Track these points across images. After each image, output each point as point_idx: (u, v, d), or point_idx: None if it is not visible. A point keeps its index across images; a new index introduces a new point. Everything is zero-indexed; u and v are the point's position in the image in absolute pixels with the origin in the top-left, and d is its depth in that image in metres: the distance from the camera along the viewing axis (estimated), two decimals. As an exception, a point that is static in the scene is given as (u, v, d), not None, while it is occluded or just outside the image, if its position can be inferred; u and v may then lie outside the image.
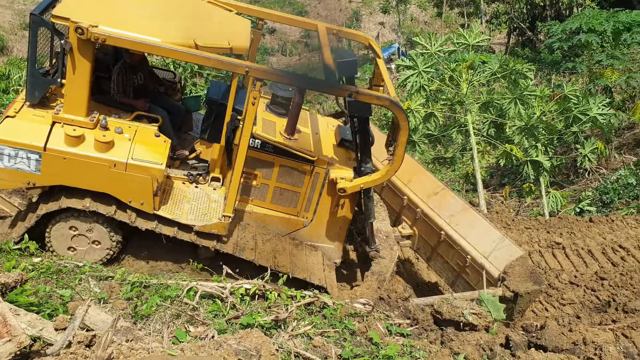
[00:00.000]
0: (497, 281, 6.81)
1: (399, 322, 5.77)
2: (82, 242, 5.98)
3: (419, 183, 7.67)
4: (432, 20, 31.44)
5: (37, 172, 5.57)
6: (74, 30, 5.26)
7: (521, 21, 23.35)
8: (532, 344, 5.55)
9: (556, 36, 15.31)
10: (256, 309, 5.08)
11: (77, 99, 5.61)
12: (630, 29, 14.55)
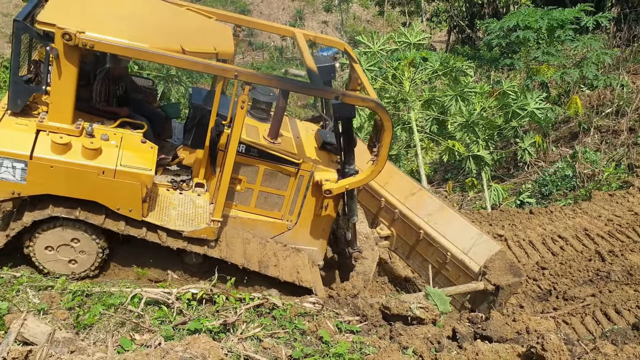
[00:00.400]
0: (477, 275, 7.03)
1: (348, 319, 5.80)
2: (68, 252, 5.81)
3: (395, 185, 7.81)
4: (374, 19, 31.81)
5: (22, 181, 5.40)
6: (60, 36, 5.15)
7: (461, 19, 23.88)
8: (477, 335, 5.67)
9: (494, 33, 15.70)
10: (204, 314, 5.00)
11: (63, 107, 5.50)
12: (564, 26, 15.10)
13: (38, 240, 5.68)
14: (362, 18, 33.39)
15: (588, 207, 10.50)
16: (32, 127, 5.52)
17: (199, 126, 6.29)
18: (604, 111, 14.22)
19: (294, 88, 6.10)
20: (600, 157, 12.38)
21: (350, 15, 33.26)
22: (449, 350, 5.23)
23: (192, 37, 5.96)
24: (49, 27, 5.24)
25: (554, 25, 14.90)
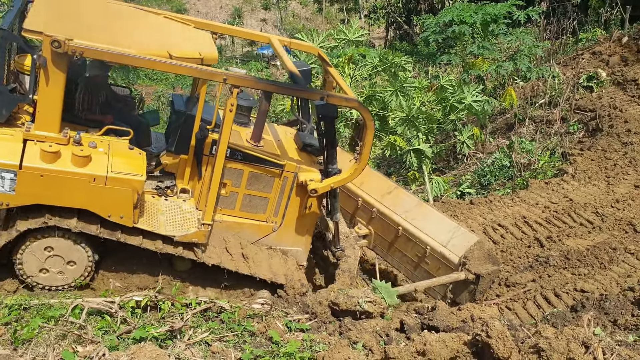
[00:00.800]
0: (457, 266, 7.28)
1: (298, 317, 5.79)
2: (57, 263, 5.73)
3: (371, 185, 7.99)
4: (313, 16, 31.88)
5: (11, 192, 5.30)
6: (49, 43, 5.11)
7: (398, 15, 24.25)
8: (424, 325, 5.76)
9: (430, 29, 16.01)
10: (149, 321, 4.89)
11: (50, 115, 5.45)
12: (497, 21, 15.55)
13: (26, 253, 5.60)
14: (301, 15, 33.41)
15: (525, 196, 10.84)
16: (19, 137, 5.44)
17: (183, 132, 6.29)
18: (538, 102, 14.73)
19: (281, 90, 6.33)
20: (536, 147, 12.81)
21: (289, 12, 33.22)
22: (398, 342, 5.30)
23: (177, 44, 6.03)
24: (37, 35, 5.21)
25: (488, 19, 15.32)
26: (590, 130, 13.01)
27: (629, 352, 4.62)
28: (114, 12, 6.44)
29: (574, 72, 14.89)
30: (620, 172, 11.24)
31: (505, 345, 4.51)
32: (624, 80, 14.11)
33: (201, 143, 6.26)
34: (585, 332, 4.52)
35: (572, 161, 11.96)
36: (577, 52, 16.77)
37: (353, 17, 28.13)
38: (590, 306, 7.25)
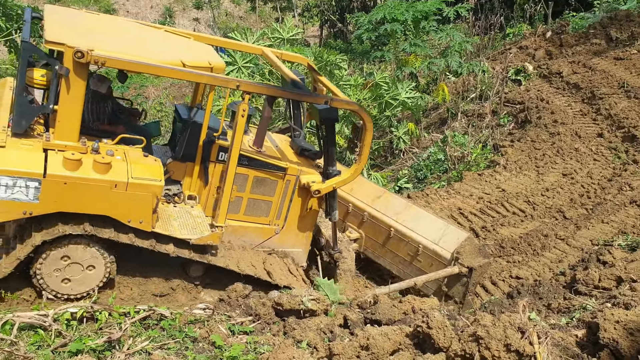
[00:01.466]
0: (449, 262, 7.63)
1: (241, 320, 5.73)
2: (76, 270, 5.75)
3: (361, 190, 8.33)
4: (246, 15, 31.65)
5: (35, 200, 5.34)
6: (72, 54, 5.25)
7: (331, 13, 24.38)
8: (367, 319, 5.82)
9: (364, 27, 16.20)
10: (86, 333, 4.72)
11: (70, 125, 5.56)
12: (427, 18, 15.90)
13: (45, 263, 5.60)
14: (234, 14, 33.09)
15: (460, 188, 11.13)
16: (39, 147, 5.52)
17: (190, 140, 6.42)
18: (469, 96, 15.15)
19: (290, 95, 6.55)
20: (468, 140, 13.17)
21: (222, 11, 32.84)
22: (342, 338, 5.32)
23: (186, 54, 6.24)
24: (59, 47, 5.33)
25: (419, 16, 15.63)
26: (520, 122, 13.48)
27: (562, 335, 4.81)
28: (121, 26, 6.74)
29: (503, 67, 15.39)
30: (548, 161, 11.71)
31: (445, 335, 4.61)
32: (549, 73, 14.70)
33: (208, 150, 6.46)
34: (521, 318, 4.67)
35: (503, 153, 12.36)
36: (505, 47, 17.35)
37: (287, 16, 28.11)
38: (526, 292, 7.52)
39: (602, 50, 14.73)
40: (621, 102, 12.63)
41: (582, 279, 7.05)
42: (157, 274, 6.33)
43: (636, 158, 11.27)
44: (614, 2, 17.64)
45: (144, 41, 6.42)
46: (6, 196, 5.22)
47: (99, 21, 6.65)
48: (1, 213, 5.30)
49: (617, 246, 7.79)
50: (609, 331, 4.51)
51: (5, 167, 5.20)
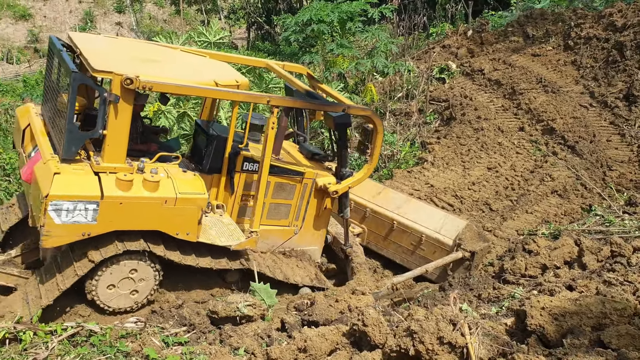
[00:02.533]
0: (452, 248, 8.24)
1: (175, 331, 5.61)
2: (129, 284, 6.08)
3: (361, 188, 8.53)
4: (171, 18, 31.02)
5: (93, 221, 5.62)
6: (121, 82, 5.55)
7: (258, 16, 24.27)
8: (305, 321, 5.83)
9: (290, 29, 16.21)
10: (9, 355, 4.48)
11: (118, 148, 5.84)
12: (353, 19, 16.08)
13: (101, 280, 5.88)
14: (158, 17, 32.36)
15: (391, 185, 11.30)
16: (89, 171, 5.79)
17: (215, 153, 6.78)
18: (396, 96, 15.42)
19: (312, 105, 7.08)
20: (397, 138, 13.42)
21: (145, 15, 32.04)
22: (280, 342, 5.31)
23: (214, 73, 6.66)
24: (107, 75, 5.63)
25: (344, 17, 15.78)
26: (445, 119, 13.85)
27: (492, 324, 4.97)
28: (147, 49, 7.06)
29: (427, 66, 15.77)
30: (474, 156, 12.09)
31: (380, 331, 4.68)
32: (471, 71, 15.18)
33: (233, 161, 6.85)
34: (452, 310, 4.79)
35: (430, 150, 12.65)
36: (429, 46, 17.77)
37: (213, 18, 27.76)
38: (457, 284, 7.72)
39: (520, 47, 15.35)
40: (539, 96, 13.21)
41: (509, 269, 7.31)
42: (197, 282, 6.69)
43: (555, 150, 11.82)
44: (530, 1, 18.42)
45: (174, 63, 6.81)
46: (67, 220, 5.47)
47: (127, 45, 7.03)
48: (62, 236, 5.55)
49: (541, 235, 8.14)
50: (535, 318, 4.70)
51: (66, 193, 5.44)
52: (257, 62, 8.69)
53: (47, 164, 5.70)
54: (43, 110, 6.81)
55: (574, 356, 4.01)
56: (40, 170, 5.70)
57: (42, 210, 5.35)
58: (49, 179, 5.47)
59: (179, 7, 25.07)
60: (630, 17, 13.59)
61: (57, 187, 5.41)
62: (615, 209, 8.56)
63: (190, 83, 6.08)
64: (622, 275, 5.98)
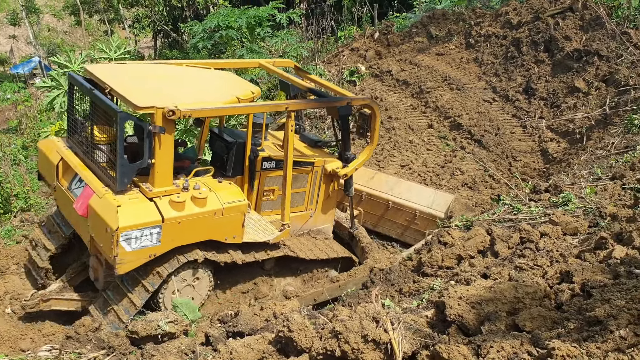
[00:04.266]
0: (443, 221, 8.85)
1: (93, 356, 5.36)
2: (189, 290, 6.79)
3: (355, 174, 8.85)
4: (72, 30, 29.72)
5: (157, 243, 6.19)
6: (163, 114, 6.02)
7: (164, 24, 23.72)
8: (230, 333, 5.73)
9: (198, 35, 15.98)
10: None
11: (166, 173, 6.35)
12: (261, 24, 16.06)
13: (167, 291, 6.55)
14: (57, 29, 30.91)
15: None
16: (143, 198, 6.27)
17: (236, 157, 7.35)
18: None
19: (323, 104, 8.10)
20: (315, 141, 13.47)
21: (44, 27, 30.51)
22: (205, 357, 5.19)
23: (230, 88, 7.17)
24: (151, 110, 6.06)
25: (253, 23, 15.74)
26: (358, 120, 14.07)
27: (414, 317, 5.08)
28: (164, 73, 7.43)
29: (338, 69, 15.98)
30: (387, 155, 12.37)
31: (306, 335, 4.66)
32: (380, 72, 15.53)
33: (253, 162, 7.42)
34: (375, 307, 4.86)
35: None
36: (338, 49, 18.02)
37: (117, 28, 26.86)
38: (379, 280, 7.85)
39: (425, 47, 15.87)
40: (445, 94, 13.71)
41: (427, 261, 7.51)
42: (240, 275, 7.38)
43: (463, 144, 12.30)
44: (431, 2, 19.11)
45: (195, 84, 7.27)
46: (136, 246, 6.02)
47: (145, 72, 7.37)
48: (133, 261, 6.12)
49: (455, 227, 8.40)
50: (454, 308, 4.84)
51: (133, 223, 5.95)
52: (250, 63, 9.43)
53: (104, 198, 6.12)
54: (71, 143, 7.14)
55: (492, 342, 4.17)
56: (99, 205, 6.10)
57: (114, 242, 5.81)
58: (114, 213, 5.91)
59: (79, 17, 24.05)
60: (525, 15, 14.39)
61: (124, 219, 5.89)
62: (522, 197, 9.00)
63: (218, 104, 6.62)
64: (532, 260, 6.29)
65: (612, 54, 12.32)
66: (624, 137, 10.19)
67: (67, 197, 6.80)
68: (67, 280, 7.18)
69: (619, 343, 3.70)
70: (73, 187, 6.76)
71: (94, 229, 6.19)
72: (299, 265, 7.79)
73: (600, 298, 4.57)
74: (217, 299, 7.15)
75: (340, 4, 22.45)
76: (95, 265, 6.93)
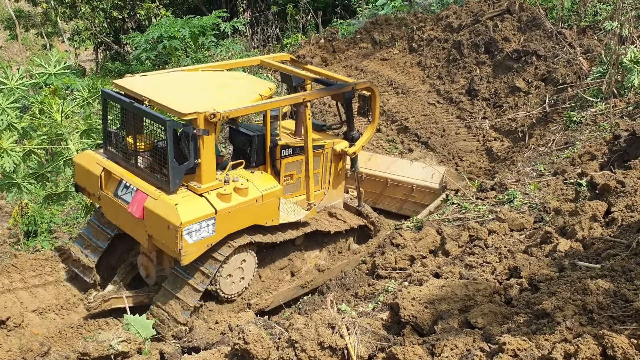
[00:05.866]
0: (439, 190, 10.26)
1: (42, 381, 5.17)
2: (239, 273, 7.46)
3: None
4: (8, 45, 28.68)
5: (213, 233, 6.86)
6: (207, 117, 6.67)
7: (105, 36, 23.22)
8: (185, 349, 5.64)
9: (141, 47, 15.71)
10: None
11: (211, 170, 6.99)
12: (205, 33, 15.92)
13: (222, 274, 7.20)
14: (-7, 44, 29.82)
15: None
16: (194, 195, 6.88)
17: (258, 149, 7.91)
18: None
19: (328, 93, 8.62)
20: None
21: (-22, 42, 29.39)
22: (160, 375, 5.09)
23: (252, 87, 7.80)
24: (194, 116, 6.65)
25: (196, 32, 15.59)
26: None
27: (369, 320, 5.11)
28: (189, 79, 8.00)
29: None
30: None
31: (263, 346, 4.63)
32: (326, 78, 15.61)
33: (274, 151, 8.05)
34: (330, 313, 4.87)
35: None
36: (284, 57, 18.03)
37: (55, 41, 26.10)
38: (334, 286, 7.89)
39: (370, 52, 16.07)
40: (392, 98, 13.91)
41: (380, 264, 7.60)
42: (277, 253, 8.06)
43: (411, 147, 12.50)
44: (374, 9, 19.38)
45: (223, 87, 7.83)
46: (197, 238, 6.67)
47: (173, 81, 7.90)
48: (195, 252, 6.75)
49: (406, 228, 8.53)
50: (408, 309, 4.90)
51: (192, 217, 6.58)
52: (253, 61, 9.85)
53: (160, 199, 6.72)
54: (109, 154, 7.62)
55: (446, 340, 4.24)
56: (156, 206, 6.68)
57: (178, 237, 6.44)
58: (174, 211, 6.54)
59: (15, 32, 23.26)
60: (465, 18, 14.77)
61: (185, 215, 6.52)
62: (469, 196, 9.21)
63: (248, 103, 7.33)
64: (481, 257, 6.44)
65: (549, 54, 12.78)
66: (563, 133, 10.57)
67: (114, 204, 7.28)
68: (120, 280, 7.81)
69: (565, 334, 3.82)
70: (120, 194, 7.26)
71: (153, 228, 6.78)
72: (324, 238, 8.57)
73: (547, 291, 4.72)
74: (260, 278, 7.83)
75: (284, 12, 22.49)
76: (146, 262, 7.64)
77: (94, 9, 22.49)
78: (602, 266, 4.93)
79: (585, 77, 11.56)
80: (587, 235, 5.95)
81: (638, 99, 9.69)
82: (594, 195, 6.96)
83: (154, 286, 7.68)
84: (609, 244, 5.48)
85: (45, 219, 11.87)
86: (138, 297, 7.59)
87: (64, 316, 7.58)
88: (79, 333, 7.36)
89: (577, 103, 11.24)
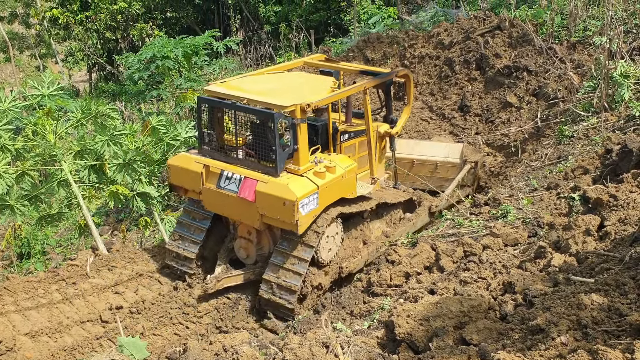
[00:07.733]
0: (460, 165, 11.20)
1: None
2: (332, 241, 8.37)
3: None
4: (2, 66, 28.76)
5: (317, 205, 7.86)
6: (303, 108, 7.72)
7: (98, 56, 23.31)
8: (179, 370, 5.58)
9: (134, 67, 15.78)
10: None
11: (305, 153, 8.02)
12: (198, 53, 16.02)
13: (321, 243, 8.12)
14: (-13, 66, 29.87)
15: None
16: (295, 176, 7.86)
17: (323, 136, 8.87)
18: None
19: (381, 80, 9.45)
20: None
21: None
22: (154, 398, 5.03)
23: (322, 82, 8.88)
24: (293, 107, 7.68)
25: (189, 52, 15.68)
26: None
27: (364, 339, 5.08)
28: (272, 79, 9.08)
29: (278, 94, 16.01)
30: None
31: (257, 367, 4.59)
32: (320, 96, 15.66)
33: (335, 137, 9.08)
34: (325, 332, 4.84)
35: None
36: (277, 75, 18.09)
37: (49, 63, 26.20)
38: (329, 304, 7.85)
39: (362, 70, 16.12)
40: (385, 114, 13.95)
41: (376, 281, 7.57)
42: (351, 224, 8.90)
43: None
44: (366, 27, 19.53)
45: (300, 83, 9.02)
46: (307, 211, 7.68)
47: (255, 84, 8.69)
48: (306, 222, 7.75)
49: (401, 244, 8.51)
50: (402, 326, 4.87)
51: (304, 192, 7.58)
52: (297, 63, 10.77)
53: (270, 182, 7.70)
54: (206, 152, 8.49)
55: (441, 358, 4.21)
56: (268, 188, 7.65)
57: (295, 210, 7.42)
58: (286, 189, 7.54)
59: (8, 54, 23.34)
60: (456, 35, 14.88)
61: (298, 191, 7.51)
62: (463, 211, 9.21)
63: (327, 94, 8.34)
64: (476, 273, 6.43)
65: (540, 69, 12.87)
66: (556, 147, 10.61)
67: (219, 195, 8.18)
68: (225, 263, 8.69)
69: (560, 349, 3.80)
70: (223, 185, 8.12)
71: (266, 207, 7.71)
72: (384, 210, 9.44)
73: (542, 306, 4.70)
74: (343, 246, 8.63)
75: (277, 31, 22.65)
76: (245, 244, 8.57)
77: (87, 30, 22.60)
78: (596, 280, 4.92)
79: (577, 92, 11.64)
80: (580, 249, 5.95)
81: (629, 112, 9.75)
82: (587, 209, 6.97)
83: (254, 265, 8.62)
84: (602, 258, 5.48)
85: (38, 240, 11.81)
86: (246, 274, 8.53)
87: (57, 339, 7.49)
88: (72, 356, 7.30)
89: (569, 117, 11.31)
